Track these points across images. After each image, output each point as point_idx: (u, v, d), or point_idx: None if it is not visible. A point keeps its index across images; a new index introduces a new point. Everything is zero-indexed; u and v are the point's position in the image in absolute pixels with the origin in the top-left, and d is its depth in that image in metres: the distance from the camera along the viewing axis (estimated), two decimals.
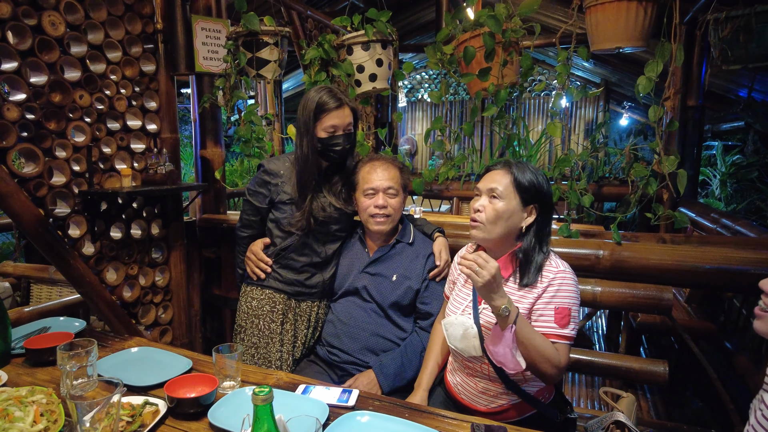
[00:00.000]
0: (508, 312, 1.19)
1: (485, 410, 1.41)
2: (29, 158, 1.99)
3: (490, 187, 1.36)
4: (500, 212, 1.34)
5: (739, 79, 5.07)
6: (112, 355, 1.49)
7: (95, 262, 2.26)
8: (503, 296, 1.21)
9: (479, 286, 1.19)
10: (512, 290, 1.36)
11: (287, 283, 1.81)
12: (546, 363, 1.24)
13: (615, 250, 1.82)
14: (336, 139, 1.69)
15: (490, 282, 1.18)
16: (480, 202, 1.38)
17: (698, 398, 2.86)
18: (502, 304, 1.19)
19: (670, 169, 1.80)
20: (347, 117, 1.70)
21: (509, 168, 1.38)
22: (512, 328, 1.20)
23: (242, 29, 2.28)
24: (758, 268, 1.65)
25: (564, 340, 1.29)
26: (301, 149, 1.71)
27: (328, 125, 1.68)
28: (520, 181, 1.35)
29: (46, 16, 1.97)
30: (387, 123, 5.05)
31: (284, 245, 1.79)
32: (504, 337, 1.20)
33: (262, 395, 0.72)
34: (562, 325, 1.29)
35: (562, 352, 1.28)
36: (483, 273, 1.18)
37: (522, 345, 1.23)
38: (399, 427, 1.12)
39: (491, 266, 1.18)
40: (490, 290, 1.19)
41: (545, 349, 1.24)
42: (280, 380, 1.37)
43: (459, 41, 2.05)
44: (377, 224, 1.73)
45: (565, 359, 1.27)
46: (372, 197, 1.73)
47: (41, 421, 1.05)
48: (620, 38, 1.81)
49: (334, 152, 1.71)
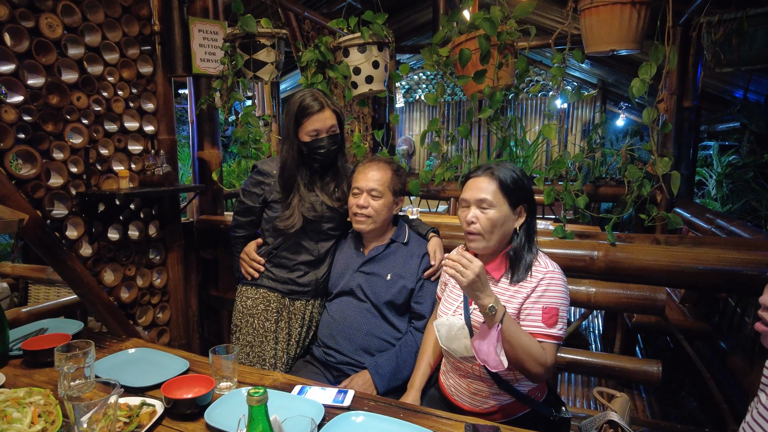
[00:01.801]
0: (494, 311, 1.20)
1: (478, 411, 1.42)
2: (26, 160, 1.99)
3: (478, 197, 1.36)
4: (494, 221, 1.35)
5: (734, 80, 5.09)
6: (109, 356, 1.50)
7: (93, 263, 2.27)
8: (490, 295, 1.22)
9: (464, 286, 1.21)
10: (504, 289, 1.37)
11: (280, 282, 1.83)
12: (532, 361, 1.25)
13: (609, 251, 1.83)
14: (320, 143, 1.72)
15: (475, 281, 1.19)
16: (472, 214, 1.37)
17: (693, 398, 2.88)
18: (489, 303, 1.20)
19: (663, 171, 1.81)
20: (329, 120, 1.72)
21: (492, 173, 1.38)
22: (498, 327, 1.21)
23: (239, 31, 2.28)
24: (752, 269, 1.66)
25: (551, 340, 1.30)
26: (282, 153, 1.77)
27: (310, 129, 1.71)
28: (507, 185, 1.36)
29: (44, 19, 1.98)
30: (384, 124, 5.06)
31: (276, 244, 1.82)
32: (489, 334, 1.21)
33: (257, 396, 0.73)
34: (550, 325, 1.30)
35: (549, 351, 1.29)
36: (467, 273, 1.19)
37: (508, 343, 1.24)
38: (394, 428, 1.13)
39: (475, 266, 1.19)
40: (475, 289, 1.20)
41: (531, 347, 1.26)
42: (276, 381, 1.38)
43: (455, 44, 2.06)
44: (357, 223, 1.76)
45: (551, 358, 1.29)
46: (357, 196, 1.75)
47: (39, 422, 1.06)
48: (614, 41, 1.82)
49: (319, 155, 1.75)
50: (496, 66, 1.96)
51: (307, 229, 1.80)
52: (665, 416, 2.71)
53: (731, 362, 2.51)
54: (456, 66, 2.10)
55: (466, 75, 2.01)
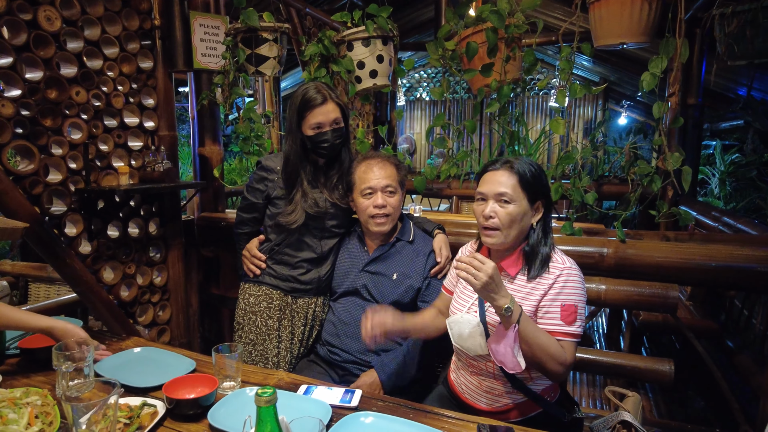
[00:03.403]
0: (510, 312, 1.17)
1: (489, 409, 1.38)
2: (24, 155, 1.95)
3: (498, 191, 1.32)
4: (514, 216, 1.32)
5: (738, 78, 5.05)
6: (114, 356, 1.46)
7: (92, 261, 2.23)
8: (505, 296, 1.19)
9: (478, 289, 1.17)
10: (521, 286, 1.34)
11: (282, 279, 1.80)
12: (552, 361, 1.22)
13: (619, 248, 1.80)
14: (323, 136, 1.69)
15: (488, 283, 1.16)
16: (490, 208, 1.33)
17: (700, 397, 2.85)
18: (505, 304, 1.18)
19: (674, 166, 1.78)
20: (332, 113, 1.68)
21: (512, 167, 1.34)
22: (515, 327, 1.18)
23: (241, 25, 2.25)
24: (765, 266, 1.63)
25: (570, 338, 1.27)
26: (285, 148, 1.75)
27: (313, 123, 1.67)
28: (527, 180, 1.33)
29: (42, 11, 1.94)
30: (387, 121, 5.02)
31: (278, 241, 1.79)
32: (506, 336, 1.19)
33: (265, 396, 0.69)
34: (569, 323, 1.27)
35: (568, 349, 1.26)
36: (480, 275, 1.16)
37: (526, 344, 1.21)
38: (403, 428, 1.10)
39: (488, 267, 1.16)
40: (489, 291, 1.17)
41: (550, 347, 1.23)
42: (281, 381, 1.34)
43: (461, 37, 2.03)
44: (377, 225, 1.71)
45: (571, 357, 1.26)
46: (370, 197, 1.70)
47: (36, 423, 1.02)
48: (624, 33, 1.79)
49: (323, 149, 1.71)
50: (503, 59, 1.93)
51: (310, 225, 1.76)
52: (672, 416, 2.68)
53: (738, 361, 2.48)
54: (462, 60, 2.07)
55: (473, 69, 1.98)
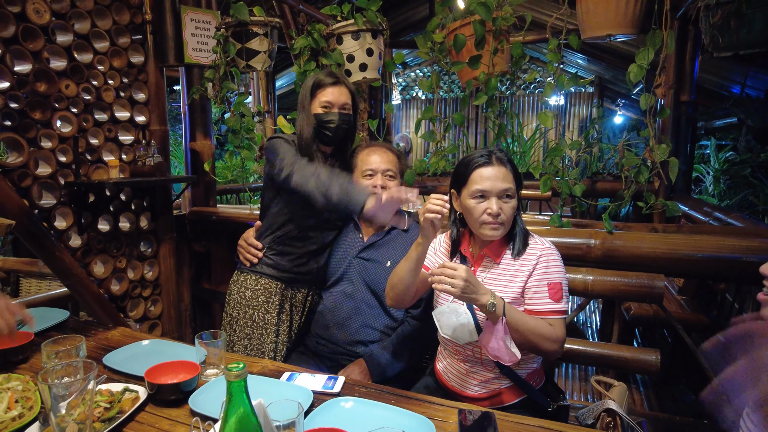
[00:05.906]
0: (495, 307, 1.21)
1: (474, 395, 1.39)
2: (13, 148, 1.95)
3: (502, 188, 1.33)
4: (515, 209, 1.37)
5: (731, 75, 5.07)
6: (122, 348, 1.42)
7: (82, 254, 2.23)
8: (485, 293, 1.21)
9: (458, 295, 1.19)
10: (506, 268, 1.37)
11: (282, 271, 1.78)
12: (545, 341, 1.26)
13: (606, 239, 1.80)
14: (331, 116, 1.69)
15: (466, 286, 1.18)
16: (497, 205, 1.32)
17: (691, 391, 2.85)
18: (487, 301, 1.20)
19: (661, 158, 1.79)
20: (343, 95, 1.71)
21: (503, 163, 1.36)
22: (503, 320, 1.21)
23: (232, 20, 2.25)
24: (750, 256, 1.63)
25: (559, 315, 1.31)
26: (300, 127, 1.72)
27: (323, 100, 1.69)
28: (516, 171, 1.38)
29: (30, 4, 1.94)
30: (380, 119, 5.02)
31: (279, 234, 1.77)
32: (496, 330, 1.21)
33: (235, 371, 0.69)
34: (557, 300, 1.31)
35: (558, 326, 1.30)
36: (456, 282, 1.18)
37: (516, 332, 1.23)
38: (384, 413, 1.10)
39: (460, 271, 1.18)
40: (469, 293, 1.19)
41: (540, 328, 1.26)
42: (265, 368, 1.34)
43: (449, 29, 2.03)
44: None
45: (561, 332, 1.29)
46: (371, 178, 1.73)
47: (16, 407, 1.02)
48: (611, 25, 1.80)
49: (329, 129, 1.70)
50: (491, 52, 1.93)
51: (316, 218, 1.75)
52: (663, 409, 2.68)
53: None
54: (450, 53, 2.07)
55: (461, 61, 1.98)
